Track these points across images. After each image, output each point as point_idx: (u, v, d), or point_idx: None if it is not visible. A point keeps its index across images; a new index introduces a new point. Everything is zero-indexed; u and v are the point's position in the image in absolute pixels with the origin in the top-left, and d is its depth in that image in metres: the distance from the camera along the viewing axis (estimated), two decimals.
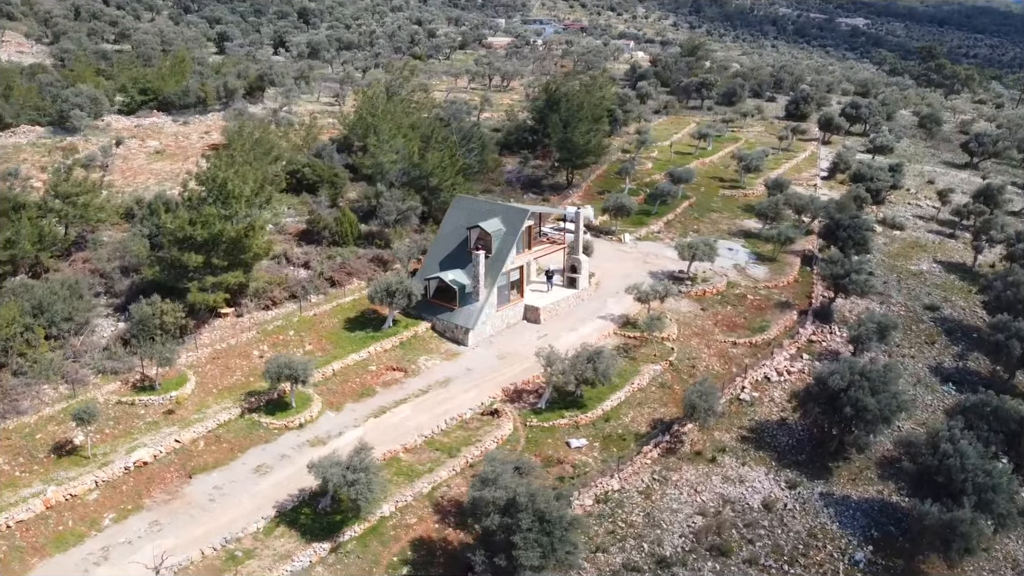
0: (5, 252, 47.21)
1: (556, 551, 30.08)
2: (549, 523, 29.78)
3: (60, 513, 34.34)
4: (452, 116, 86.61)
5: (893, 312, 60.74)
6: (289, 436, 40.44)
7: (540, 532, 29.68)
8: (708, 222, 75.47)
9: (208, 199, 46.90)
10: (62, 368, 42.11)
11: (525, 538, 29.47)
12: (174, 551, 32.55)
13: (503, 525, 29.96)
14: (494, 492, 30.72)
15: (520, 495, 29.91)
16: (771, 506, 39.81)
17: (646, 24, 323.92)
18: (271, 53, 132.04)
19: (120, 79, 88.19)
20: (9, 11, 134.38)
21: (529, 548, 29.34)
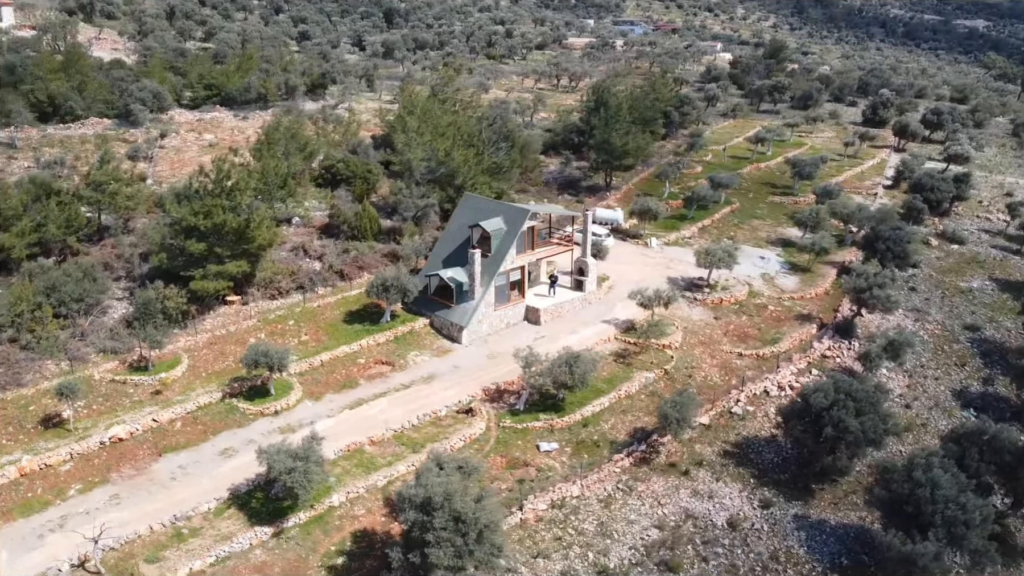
0: (34, 235, 50.43)
1: (473, 552, 29.86)
2: (464, 523, 29.60)
3: (32, 481, 36.53)
4: (499, 116, 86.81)
5: (927, 330, 57.43)
6: (263, 422, 41.67)
7: (454, 532, 29.55)
8: (748, 229, 73.12)
9: (214, 191, 48.69)
10: (66, 346, 44.70)
11: (438, 537, 29.43)
12: (126, 524, 34.11)
13: (418, 522, 30.01)
14: (412, 490, 30.81)
15: (435, 494, 29.87)
16: (736, 525, 38.31)
17: (744, 25, 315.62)
18: (347, 52, 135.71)
19: (190, 75, 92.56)
20: (110, 11, 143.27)
21: (441, 547, 29.29)
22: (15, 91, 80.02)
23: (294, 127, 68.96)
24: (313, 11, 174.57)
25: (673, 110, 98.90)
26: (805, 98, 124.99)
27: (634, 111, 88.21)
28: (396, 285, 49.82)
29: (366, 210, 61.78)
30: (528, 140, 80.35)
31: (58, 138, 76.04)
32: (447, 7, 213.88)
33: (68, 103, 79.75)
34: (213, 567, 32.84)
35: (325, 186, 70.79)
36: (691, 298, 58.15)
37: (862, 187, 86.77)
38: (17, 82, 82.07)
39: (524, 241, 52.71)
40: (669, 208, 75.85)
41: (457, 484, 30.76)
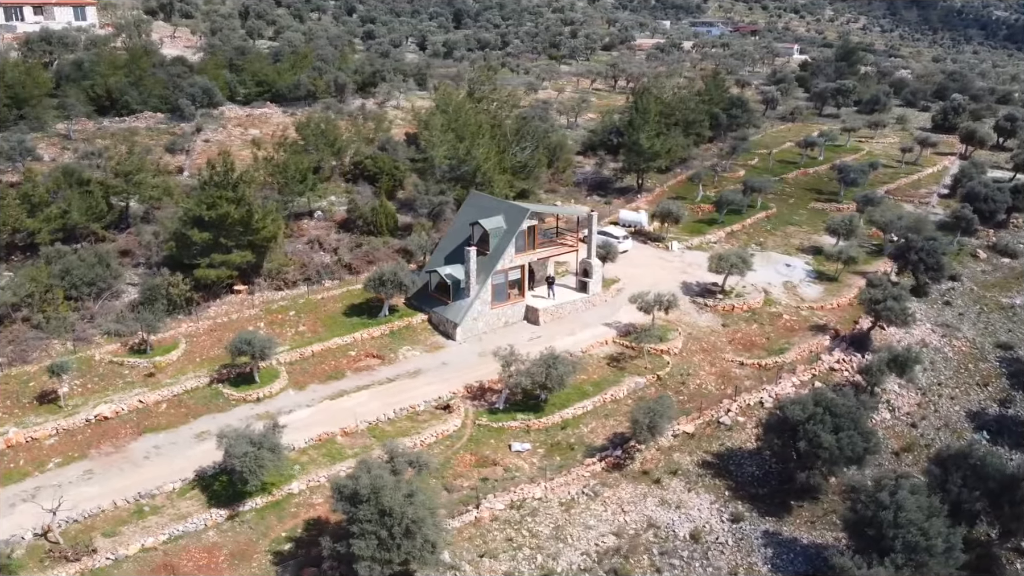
0: (59, 221, 53.18)
1: (400, 546, 29.98)
2: (390, 517, 29.74)
3: (17, 452, 38.57)
4: (537, 116, 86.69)
5: (953, 347, 54.54)
6: (244, 408, 42.81)
7: (379, 525, 29.72)
8: (780, 235, 70.80)
9: (220, 183, 50.28)
10: (73, 327, 46.97)
11: (362, 528, 29.67)
12: (93, 499, 35.64)
13: (347, 513, 30.34)
14: (344, 481, 31.15)
15: (362, 487, 30.11)
16: (699, 537, 37.24)
17: (831, 27, 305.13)
18: (408, 51, 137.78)
19: (244, 73, 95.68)
20: (187, 10, 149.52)
21: (364, 538, 29.52)
22: (77, 86, 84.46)
23: (324, 123, 70.40)
24: (383, 11, 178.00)
25: (721, 112, 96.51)
26: (872, 102, 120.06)
27: (675, 113, 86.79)
28: (392, 280, 50.36)
29: (383, 206, 62.66)
30: (561, 140, 79.87)
31: (111, 131, 79.76)
32: (519, 7, 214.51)
33: (124, 97, 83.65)
34: (165, 544, 33.95)
35: (354, 182, 72.12)
36: (701, 304, 56.75)
37: (915, 195, 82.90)
38: (82, 78, 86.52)
39: (524, 240, 52.41)
40: (700, 212, 74.29)
41: (389, 479, 30.90)
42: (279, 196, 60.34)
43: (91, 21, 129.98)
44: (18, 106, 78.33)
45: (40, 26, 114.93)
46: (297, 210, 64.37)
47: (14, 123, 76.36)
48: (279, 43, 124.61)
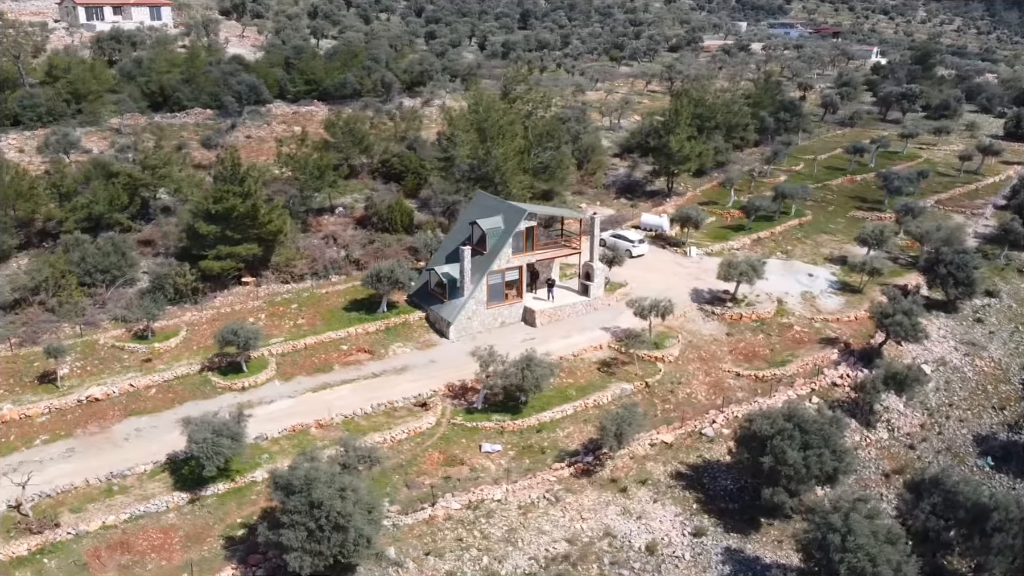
0: (84, 211, 55.93)
1: (330, 539, 30.42)
2: (320, 509, 30.22)
3: (10, 428, 40.79)
4: (574, 117, 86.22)
5: (975, 367, 51.79)
6: (228, 396, 44.09)
7: (308, 516, 30.23)
8: (811, 244, 68.45)
9: (229, 178, 51.95)
10: (84, 311, 49.35)
11: (292, 519, 30.25)
12: (69, 475, 37.39)
13: (281, 503, 30.99)
14: (281, 472, 31.80)
15: (295, 478, 30.68)
16: (655, 549, 36.47)
17: (922, 29, 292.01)
18: (467, 51, 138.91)
19: (294, 71, 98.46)
20: (259, 10, 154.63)
21: (293, 529, 30.09)
22: (135, 83, 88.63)
23: (352, 122, 71.82)
24: (451, 12, 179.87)
25: (768, 116, 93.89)
26: (942, 107, 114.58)
27: (716, 116, 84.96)
28: (389, 277, 51.00)
29: (399, 203, 63.50)
30: (593, 142, 79.18)
31: (161, 125, 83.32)
32: (589, 7, 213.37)
33: (176, 94, 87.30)
34: (125, 523, 35.32)
35: (382, 179, 73.32)
36: (708, 311, 55.41)
37: (969, 206, 78.92)
38: (140, 75, 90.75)
39: (522, 241, 52.21)
40: (729, 217, 72.51)
41: (324, 471, 31.37)
42: (297, 192, 61.79)
43: (166, 21, 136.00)
44: (77, 101, 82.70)
45: (116, 25, 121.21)
46: (318, 206, 65.88)
47: (71, 117, 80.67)
48: (339, 42, 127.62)
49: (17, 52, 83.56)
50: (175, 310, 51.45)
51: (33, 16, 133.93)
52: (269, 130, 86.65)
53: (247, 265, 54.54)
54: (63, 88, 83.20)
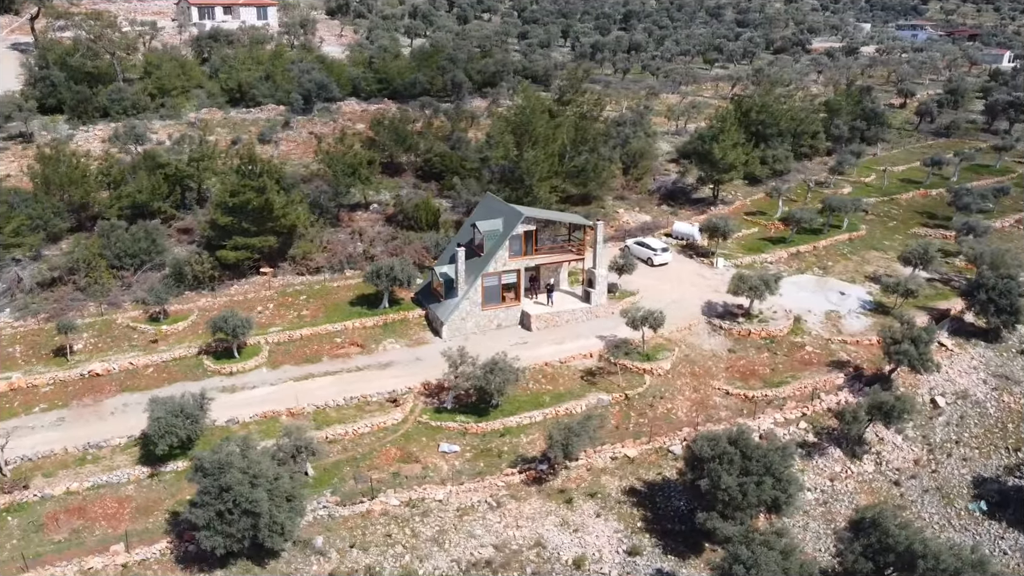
0: (127, 199, 60.16)
1: (239, 522, 31.80)
2: (228, 493, 31.61)
3: (16, 395, 44.63)
4: (629, 122, 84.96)
5: (1001, 403, 47.89)
6: (216, 380, 46.50)
7: (217, 499, 31.71)
8: (856, 260, 64.77)
9: (248, 172, 54.61)
10: (109, 292, 53.18)
11: (202, 500, 31.84)
12: (53, 442, 40.60)
13: (198, 484, 32.64)
14: (201, 454, 33.44)
15: (209, 462, 32.20)
16: (582, 564, 35.89)
17: None
18: (555, 52, 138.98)
19: (368, 70, 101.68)
20: (361, 10, 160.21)
21: (202, 509, 31.68)
22: (215, 79, 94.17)
23: (396, 120, 73.63)
24: (553, 13, 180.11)
25: (843, 124, 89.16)
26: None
27: (778, 122, 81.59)
28: (388, 273, 52.20)
29: (425, 202, 64.69)
30: (643, 147, 77.70)
31: (234, 120, 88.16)
32: (699, 7, 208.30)
33: (252, 91, 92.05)
34: (87, 491, 38.07)
35: (425, 178, 74.87)
36: (716, 325, 53.56)
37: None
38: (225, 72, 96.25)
39: (521, 244, 52.15)
40: (773, 229, 69.56)
41: (238, 458, 32.74)
42: (328, 187, 64.05)
43: (271, 20, 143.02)
44: (162, 95, 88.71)
45: (216, 25, 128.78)
46: (353, 201, 68.00)
47: (154, 111, 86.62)
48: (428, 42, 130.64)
49: (112, 50, 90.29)
50: (192, 295, 54.57)
51: (155, 15, 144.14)
52: (334, 126, 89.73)
53: (265, 256, 57.06)
54: (151, 84, 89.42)
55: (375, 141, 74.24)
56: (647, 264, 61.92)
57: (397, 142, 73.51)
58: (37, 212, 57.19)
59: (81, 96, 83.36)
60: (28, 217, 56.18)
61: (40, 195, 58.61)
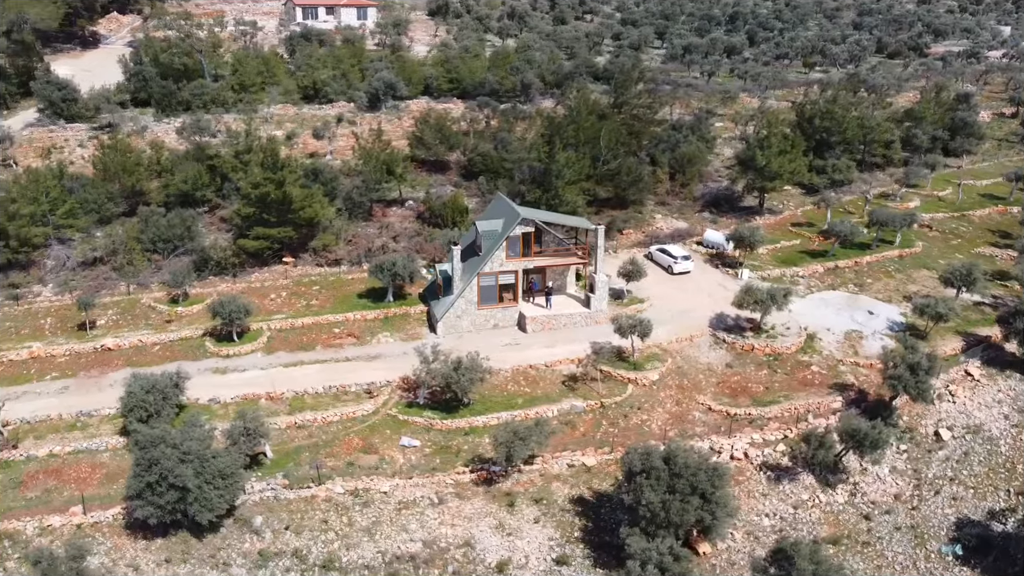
0: (173, 187, 64.20)
1: (165, 495, 33.70)
2: (156, 466, 33.50)
3: (34, 363, 48.65)
4: (687, 126, 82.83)
5: (1018, 442, 43.87)
6: (212, 361, 49.04)
7: (147, 471, 33.67)
8: (900, 279, 60.85)
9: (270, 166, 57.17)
10: (139, 274, 57.00)
11: (136, 472, 33.94)
12: (52, 408, 44.08)
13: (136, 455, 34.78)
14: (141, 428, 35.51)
15: (143, 435, 34.17)
16: (504, 568, 35.68)
17: None
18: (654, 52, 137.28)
19: (440, 69, 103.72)
20: (460, 11, 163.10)
21: (136, 479, 33.85)
22: (293, 77, 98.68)
23: (439, 120, 74.94)
24: (653, 14, 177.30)
25: (921, 134, 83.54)
26: None
27: (845, 130, 77.57)
28: (390, 269, 53.38)
29: (454, 199, 65.60)
30: (692, 152, 75.54)
31: (304, 116, 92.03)
32: (816, 10, 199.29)
33: (325, 88, 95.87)
34: (68, 455, 41.10)
35: (468, 177, 75.86)
36: (720, 339, 51.67)
37: None
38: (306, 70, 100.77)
39: (519, 246, 52.03)
40: (816, 242, 66.16)
41: (172, 435, 34.59)
42: (361, 182, 66.03)
43: (371, 20, 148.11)
44: (243, 91, 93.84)
45: (326, 25, 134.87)
46: (389, 197, 69.77)
47: (232, 105, 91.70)
48: (515, 42, 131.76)
49: (200, 48, 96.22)
50: (215, 280, 57.66)
51: (265, 15, 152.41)
52: (397, 124, 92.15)
53: (287, 246, 59.51)
54: (234, 80, 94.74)
55: (421, 139, 75.78)
56: (667, 272, 60.39)
57: (441, 140, 74.73)
58: (92, 197, 61.94)
59: (166, 91, 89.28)
60: (82, 201, 60.95)
61: (97, 181, 63.45)
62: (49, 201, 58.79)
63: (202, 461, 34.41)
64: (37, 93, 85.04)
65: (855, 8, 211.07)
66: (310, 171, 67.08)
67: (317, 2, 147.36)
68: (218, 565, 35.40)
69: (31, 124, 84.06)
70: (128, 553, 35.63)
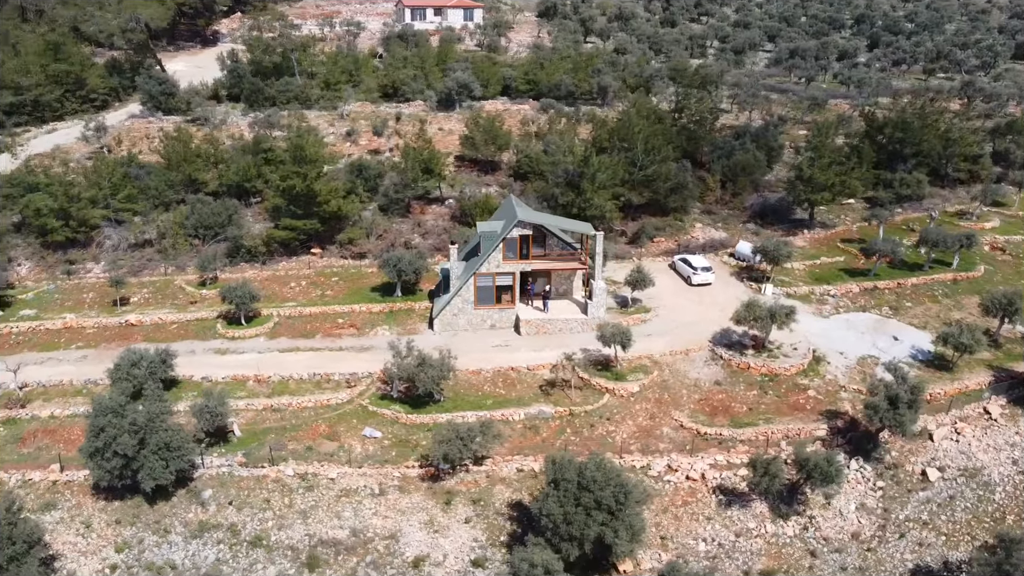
0: (226, 177, 68.38)
1: (111, 460, 36.44)
2: (103, 432, 36.24)
3: (66, 332, 53.34)
4: (751, 133, 79.66)
5: (1018, 489, 40.03)
6: (217, 341, 52.10)
7: (95, 438, 36.47)
8: (946, 305, 56.48)
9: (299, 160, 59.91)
10: (177, 257, 61.22)
11: (87, 436, 36.82)
12: (67, 374, 48.34)
13: None
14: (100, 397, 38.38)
15: (95, 403, 36.98)
16: (419, 565, 36.12)
17: None
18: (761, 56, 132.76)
19: (518, 70, 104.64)
20: (567, 12, 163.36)
21: (87, 442, 36.73)
22: (374, 75, 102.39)
23: (489, 122, 75.78)
24: (772, 16, 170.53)
25: (1016, 148, 76.51)
26: None
27: (921, 142, 72.43)
28: (396, 264, 54.79)
29: (485, 198, 66.30)
30: (746, 160, 72.58)
31: (380, 114, 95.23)
32: (959, 12, 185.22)
33: (402, 87, 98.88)
34: (65, 418, 44.96)
35: (517, 178, 76.37)
36: (717, 355, 49.73)
37: None
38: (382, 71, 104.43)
39: (516, 248, 51.99)
40: (861, 259, 62.12)
41: (125, 406, 37.24)
42: (398, 180, 67.90)
43: (477, 22, 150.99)
44: (328, 89, 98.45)
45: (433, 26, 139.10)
46: (430, 195, 71.27)
47: (315, 102, 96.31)
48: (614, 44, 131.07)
49: (291, 47, 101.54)
50: (245, 266, 61.05)
51: (379, 15, 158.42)
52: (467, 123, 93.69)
53: (316, 238, 62.14)
54: (320, 79, 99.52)
55: (470, 139, 76.89)
56: (687, 283, 58.60)
57: (489, 141, 75.55)
58: (154, 184, 66.99)
59: (255, 87, 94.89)
60: (144, 188, 66.05)
61: (161, 170, 68.53)
62: (110, 186, 64.02)
63: (148, 433, 36.81)
64: (140, 87, 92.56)
65: (1008, 10, 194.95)
66: (355, 167, 69.82)
67: (425, 3, 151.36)
68: (160, 531, 37.82)
69: (134, 116, 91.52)
70: (86, 511, 38.71)
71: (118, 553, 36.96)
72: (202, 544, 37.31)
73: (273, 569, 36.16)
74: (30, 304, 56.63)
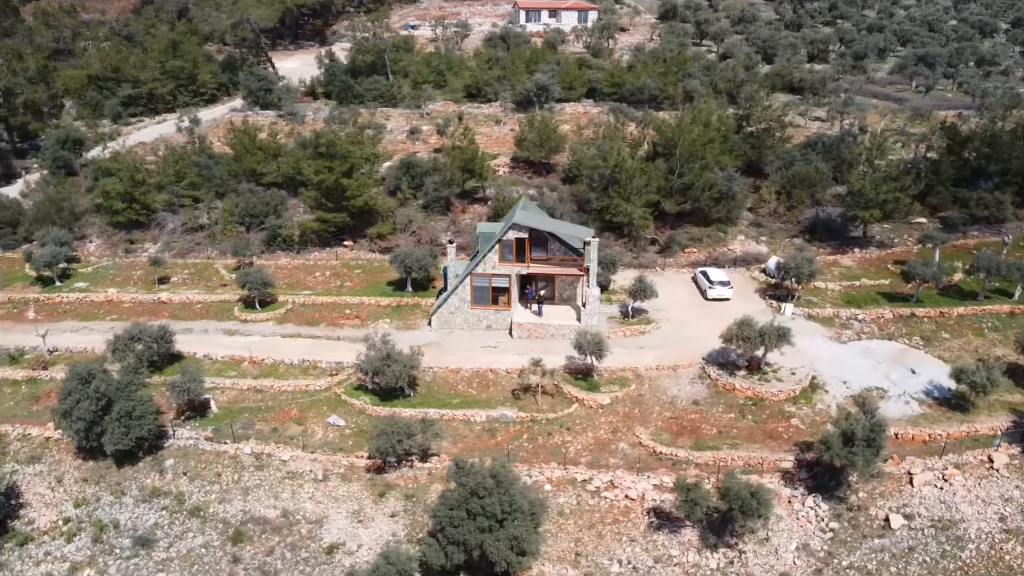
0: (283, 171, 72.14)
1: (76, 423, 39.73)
2: (68, 396, 39.57)
3: (106, 304, 58.22)
4: (822, 144, 74.99)
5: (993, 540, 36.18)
6: (230, 323, 55.22)
7: (64, 401, 39.88)
8: (989, 339, 51.31)
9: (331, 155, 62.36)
10: (222, 242, 65.32)
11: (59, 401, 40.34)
12: (95, 343, 52.84)
13: None
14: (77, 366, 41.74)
15: (70, 370, 40.34)
16: (333, 551, 37.09)
17: None
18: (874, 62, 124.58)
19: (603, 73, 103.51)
20: (685, 15, 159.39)
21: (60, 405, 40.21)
22: (459, 77, 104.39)
23: (541, 125, 75.63)
24: (911, 20, 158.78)
25: None
26: None
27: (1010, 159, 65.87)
28: (404, 260, 56.05)
29: (517, 199, 66.31)
30: (804, 172, 68.36)
31: (461, 114, 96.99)
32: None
33: (485, 88, 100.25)
34: None
35: (567, 181, 75.88)
36: (704, 374, 47.57)
37: None
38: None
39: (512, 251, 51.73)
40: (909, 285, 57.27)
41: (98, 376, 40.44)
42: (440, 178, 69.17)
43: (590, 23, 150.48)
44: (416, 88, 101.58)
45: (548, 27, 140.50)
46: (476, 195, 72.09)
47: (401, 100, 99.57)
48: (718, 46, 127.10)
49: (384, 47, 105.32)
50: (280, 254, 64.25)
51: (498, 17, 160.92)
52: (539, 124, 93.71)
53: (349, 231, 64.48)
54: (412, 78, 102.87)
55: (523, 140, 77.02)
56: (703, 296, 56.26)
57: (541, 143, 75.41)
58: (218, 173, 71.74)
59: (344, 85, 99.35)
60: (208, 176, 70.85)
61: (227, 161, 73.26)
62: (174, 173, 69.15)
63: (110, 401, 39.81)
64: (241, 84, 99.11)
65: None
66: (404, 164, 71.78)
67: (541, 5, 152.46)
68: (117, 492, 40.83)
69: (235, 110, 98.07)
70: (62, 468, 42.39)
71: (76, 508, 40.24)
72: (148, 508, 39.93)
73: (201, 539, 38.16)
74: (87, 277, 62.24)
